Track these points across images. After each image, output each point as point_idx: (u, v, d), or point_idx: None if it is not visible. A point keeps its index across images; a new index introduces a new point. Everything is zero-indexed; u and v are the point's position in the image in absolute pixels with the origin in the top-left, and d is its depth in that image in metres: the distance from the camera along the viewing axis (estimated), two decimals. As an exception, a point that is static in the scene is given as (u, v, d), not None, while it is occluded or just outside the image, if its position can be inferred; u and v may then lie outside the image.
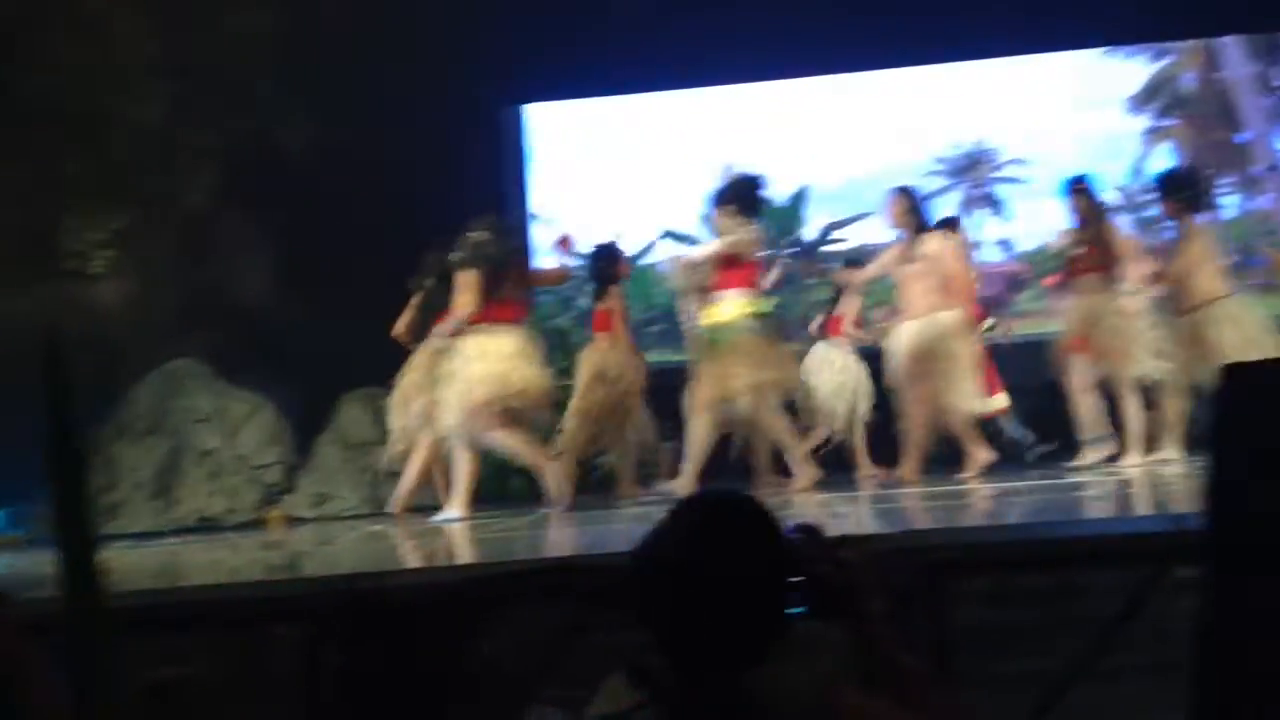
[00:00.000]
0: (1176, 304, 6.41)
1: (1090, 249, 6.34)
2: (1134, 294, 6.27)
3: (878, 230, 8.81)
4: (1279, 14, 8.89)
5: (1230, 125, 9.49)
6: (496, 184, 9.13)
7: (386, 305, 7.15)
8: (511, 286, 6.05)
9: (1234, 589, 2.00)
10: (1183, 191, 6.45)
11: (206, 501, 7.55)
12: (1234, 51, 9.45)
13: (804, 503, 5.33)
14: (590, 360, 6.56)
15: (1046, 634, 3.14)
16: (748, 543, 1.50)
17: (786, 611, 1.50)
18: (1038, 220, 9.09)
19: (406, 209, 7.90)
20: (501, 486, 6.99)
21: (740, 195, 6.22)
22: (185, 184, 8.10)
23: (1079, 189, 6.58)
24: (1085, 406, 6.32)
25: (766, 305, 6.25)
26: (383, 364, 6.81)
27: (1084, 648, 2.85)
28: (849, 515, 4.70)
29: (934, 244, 6.20)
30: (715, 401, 6.03)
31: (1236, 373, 2.02)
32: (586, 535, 4.77)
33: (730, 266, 6.18)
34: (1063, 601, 3.24)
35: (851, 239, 9.09)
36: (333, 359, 7.56)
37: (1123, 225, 8.55)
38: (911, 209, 6.30)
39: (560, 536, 4.90)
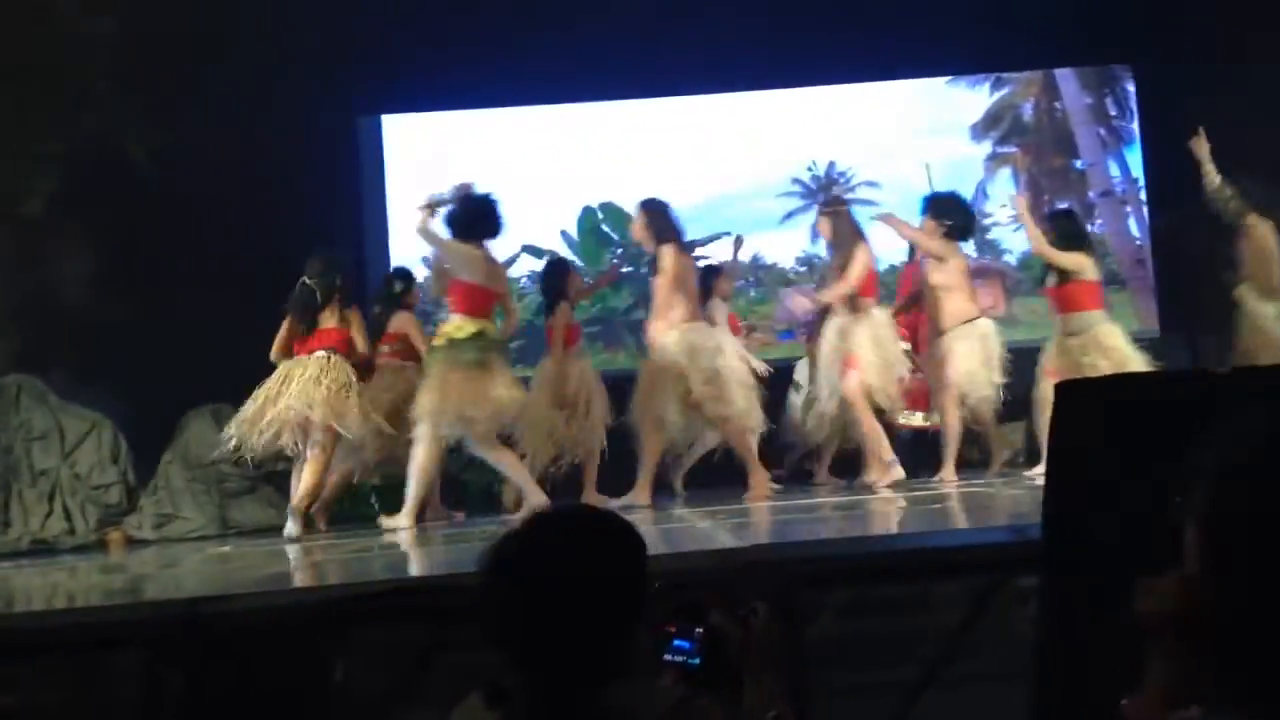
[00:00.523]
0: (931, 326, 6.71)
1: (839, 271, 6.61)
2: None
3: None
4: (1111, 48, 9.40)
5: (1068, 153, 9.95)
6: (354, 194, 8.97)
7: (236, 319, 6.93)
8: (330, 316, 6.21)
9: (1070, 596, 2.08)
10: (951, 217, 6.70)
11: (42, 523, 7.18)
12: (1070, 83, 9.94)
13: (662, 519, 5.35)
14: (542, 375, 6.61)
15: (900, 644, 3.22)
16: (605, 557, 1.49)
17: (681, 661, 1.49)
18: (887, 241, 9.37)
19: (259, 220, 7.69)
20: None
21: (463, 217, 6.15)
22: (23, 191, 7.71)
23: (826, 213, 6.78)
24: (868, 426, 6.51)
25: (491, 330, 6.11)
26: (231, 379, 6.60)
27: (932, 657, 2.92)
28: (705, 530, 4.75)
29: (667, 259, 6.27)
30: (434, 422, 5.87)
31: (1069, 390, 2.11)
32: (456, 553, 4.70)
33: (456, 288, 6.12)
34: (916, 612, 3.33)
35: (714, 257, 9.22)
36: (177, 373, 7.30)
37: (968, 248, 8.92)
38: (648, 224, 6.36)
39: (427, 555, 4.82)
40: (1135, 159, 9.77)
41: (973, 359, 6.50)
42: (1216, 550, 0.98)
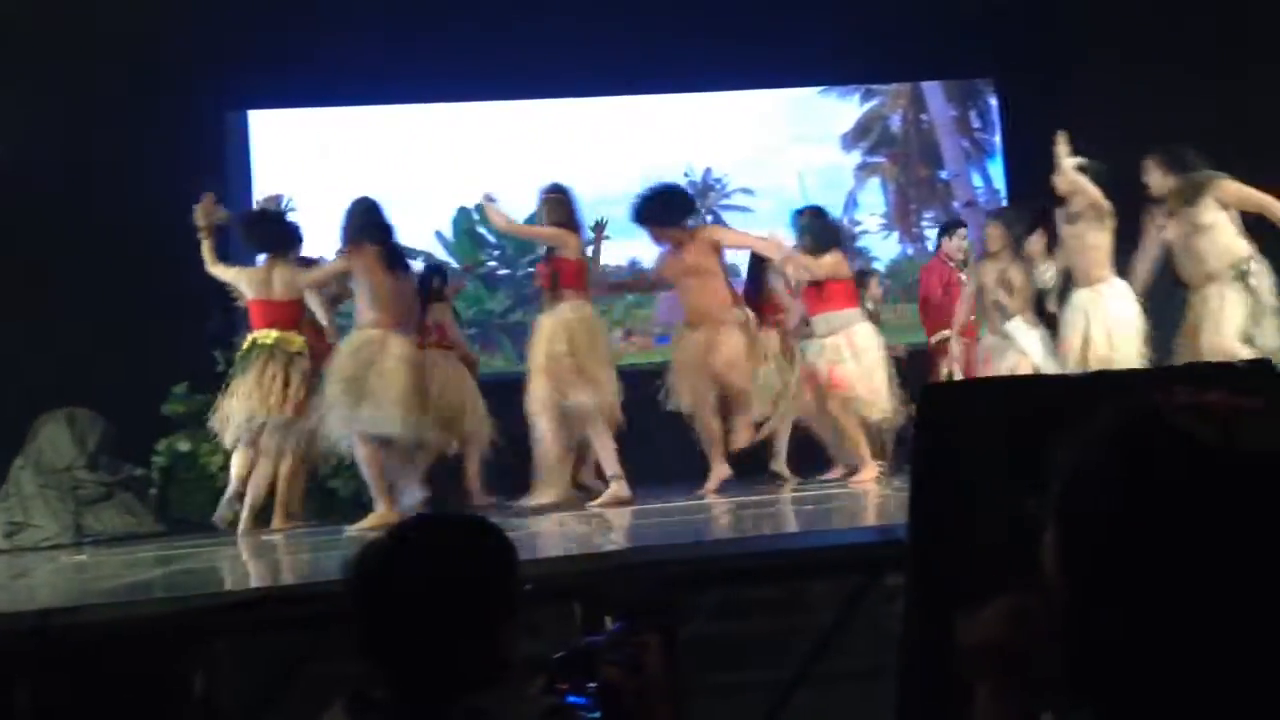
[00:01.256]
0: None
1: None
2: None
3: (611, 250, 8.98)
4: (974, 64, 9.70)
5: (933, 163, 10.25)
6: (219, 191, 8.70)
7: (90, 319, 6.66)
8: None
9: (933, 596, 2.12)
10: (672, 213, 6.57)
11: (-121, 534, 6.78)
12: (936, 95, 10.24)
13: (538, 521, 5.32)
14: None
15: (774, 643, 3.25)
16: (470, 561, 1.47)
17: (572, 702, 1.47)
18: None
19: (117, 217, 7.40)
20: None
21: (249, 230, 6.50)
22: None
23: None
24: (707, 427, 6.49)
25: (265, 338, 6.31)
26: (84, 381, 6.33)
27: (804, 655, 2.96)
28: (582, 533, 4.73)
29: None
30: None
31: (935, 392, 2.15)
32: (325, 560, 4.58)
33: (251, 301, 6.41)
34: (789, 612, 3.37)
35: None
36: (28, 376, 6.98)
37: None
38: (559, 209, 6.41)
39: (295, 562, 4.69)
40: (997, 170, 10.11)
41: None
42: (1069, 552, 1.00)
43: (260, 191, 8.65)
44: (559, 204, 6.38)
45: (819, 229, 6.67)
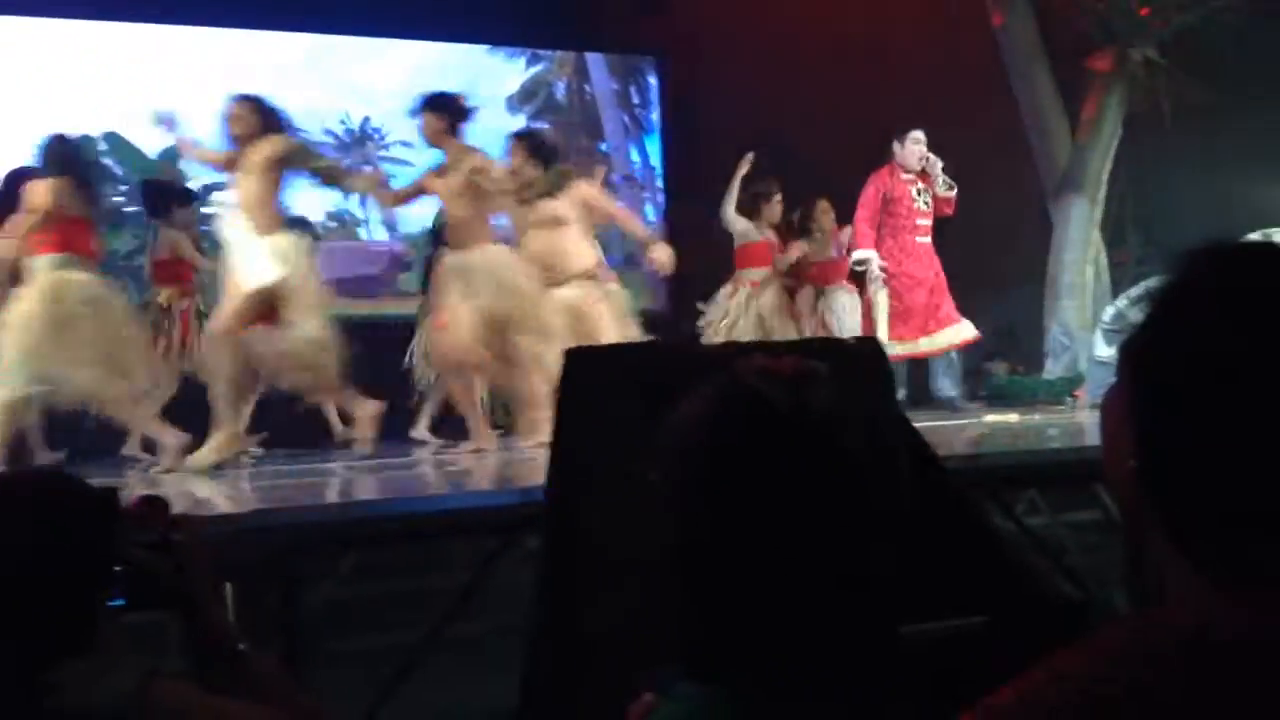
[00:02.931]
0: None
1: None
2: None
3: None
4: (632, 40, 9.95)
5: (595, 134, 10.44)
6: None
7: None
8: None
9: (568, 555, 2.15)
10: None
11: None
12: (600, 67, 10.42)
13: (156, 481, 4.95)
14: None
15: (406, 607, 3.20)
16: (50, 526, 1.32)
17: (107, 604, 1.34)
18: (421, 203, 9.31)
19: None
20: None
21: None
22: None
23: None
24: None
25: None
26: None
27: (436, 619, 2.93)
28: (203, 495, 4.45)
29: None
30: None
31: (575, 357, 2.17)
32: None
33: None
34: (423, 575, 3.33)
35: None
36: None
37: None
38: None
39: None
40: (654, 147, 10.44)
41: None
42: (680, 521, 1.03)
43: None
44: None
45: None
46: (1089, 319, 7.83)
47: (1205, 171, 7.07)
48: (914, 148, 7.16)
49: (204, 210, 7.50)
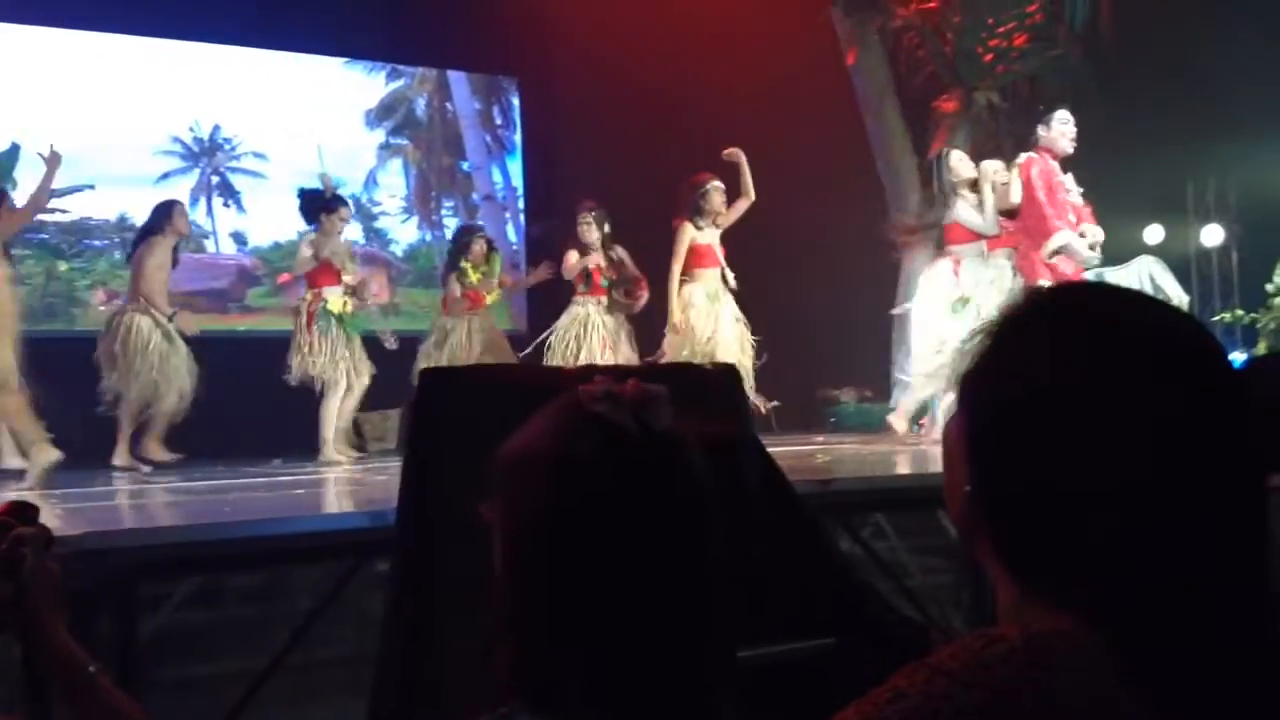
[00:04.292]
0: None
1: None
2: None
3: (97, 203, 8.18)
4: (496, 59, 9.92)
5: (456, 153, 10.36)
6: None
7: None
8: None
9: (417, 583, 2.11)
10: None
11: None
12: (462, 86, 10.36)
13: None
14: None
15: (252, 632, 3.09)
16: None
17: None
18: (274, 216, 9.10)
19: None
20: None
21: None
22: None
23: None
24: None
25: None
26: None
27: (283, 643, 2.85)
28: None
29: None
30: None
31: (431, 377, 2.14)
32: None
33: None
34: (269, 600, 3.22)
35: (74, 210, 8.28)
36: None
37: (355, 233, 8.94)
38: None
39: None
40: (516, 168, 10.42)
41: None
42: (519, 550, 1.03)
43: None
44: None
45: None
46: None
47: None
48: (1063, 128, 6.60)
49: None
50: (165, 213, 6.75)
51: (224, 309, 8.94)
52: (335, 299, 6.87)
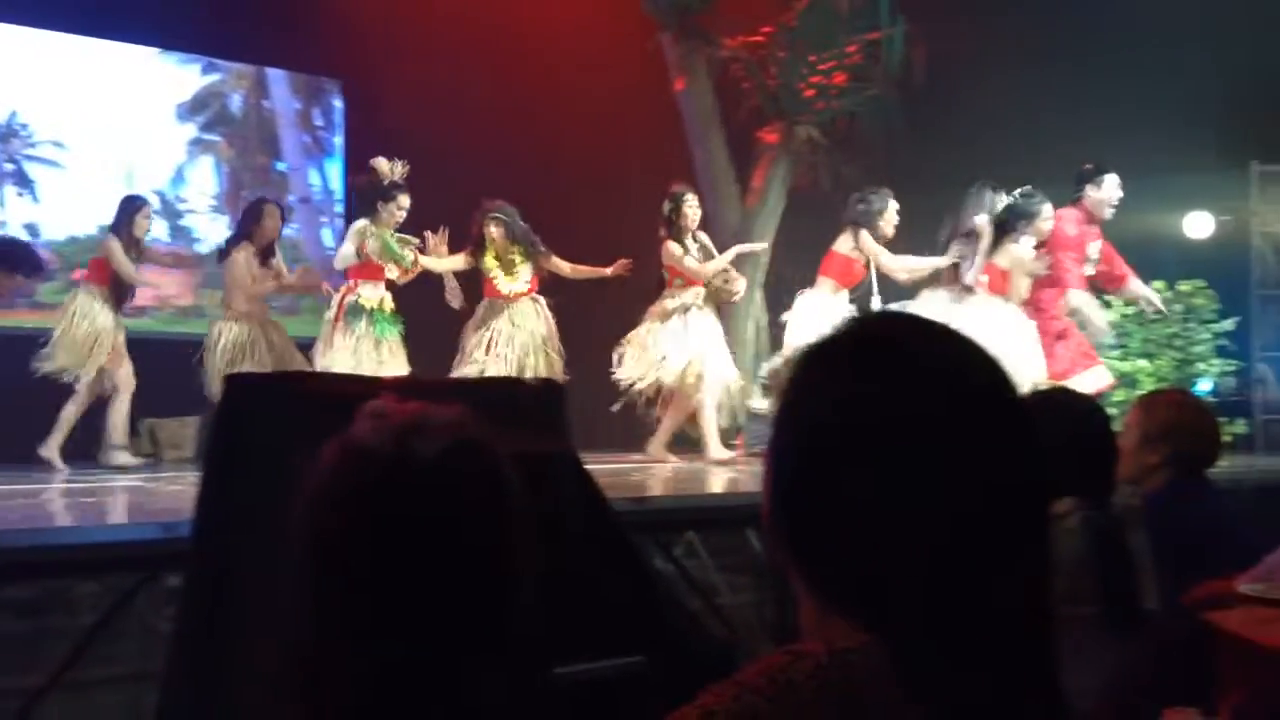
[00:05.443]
0: None
1: None
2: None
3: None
4: (319, 60, 9.66)
5: (272, 153, 10.01)
6: None
7: None
8: None
9: (210, 600, 2.01)
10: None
11: None
12: (282, 84, 10.03)
13: None
14: None
15: (26, 647, 2.91)
16: None
17: None
18: (72, 208, 8.61)
19: None
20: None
21: None
22: None
23: None
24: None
25: None
26: None
27: (61, 659, 2.68)
28: None
29: None
30: None
31: (234, 384, 2.05)
32: None
33: None
34: (45, 613, 3.03)
35: None
36: None
37: (160, 231, 8.53)
38: None
39: None
40: (335, 171, 10.15)
41: None
42: (311, 567, 0.99)
43: None
44: None
45: None
46: (749, 373, 8.28)
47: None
48: (1113, 193, 6.39)
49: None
50: None
51: (11, 304, 8.38)
52: (372, 295, 6.54)
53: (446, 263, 6.75)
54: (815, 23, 8.82)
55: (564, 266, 6.80)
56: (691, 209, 6.77)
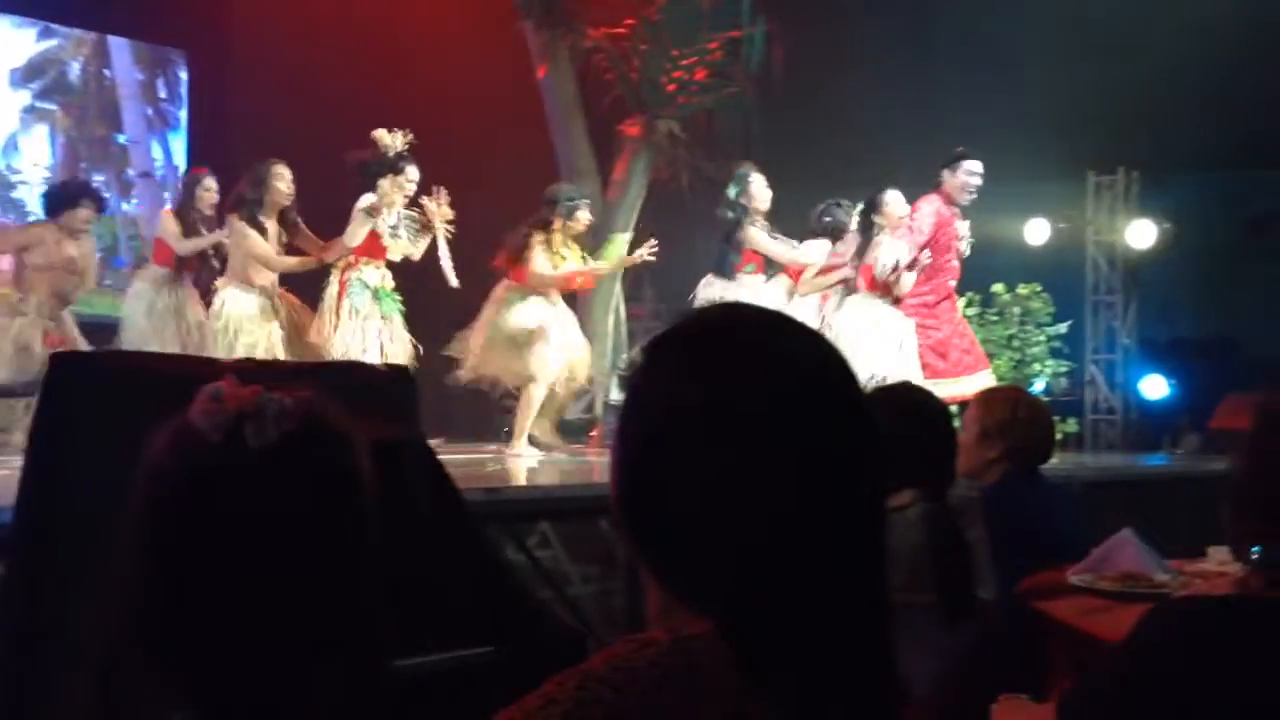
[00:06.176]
0: None
1: None
2: None
3: None
4: (164, 29, 9.27)
5: (112, 124, 9.57)
6: None
7: None
8: None
9: (39, 583, 1.92)
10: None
11: None
12: (124, 54, 9.59)
13: None
14: None
15: None
16: None
17: None
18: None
19: None
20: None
21: None
22: None
23: None
24: None
25: None
26: None
27: None
28: None
29: None
30: None
31: (60, 361, 1.95)
32: None
33: None
34: None
35: None
36: None
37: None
38: None
39: None
40: (179, 145, 9.77)
41: None
42: (126, 564, 0.95)
43: None
44: None
45: None
46: (606, 365, 8.29)
47: (714, 238, 7.75)
48: (969, 179, 6.34)
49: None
50: None
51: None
52: (374, 273, 6.15)
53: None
54: (678, 17, 8.87)
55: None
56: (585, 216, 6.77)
